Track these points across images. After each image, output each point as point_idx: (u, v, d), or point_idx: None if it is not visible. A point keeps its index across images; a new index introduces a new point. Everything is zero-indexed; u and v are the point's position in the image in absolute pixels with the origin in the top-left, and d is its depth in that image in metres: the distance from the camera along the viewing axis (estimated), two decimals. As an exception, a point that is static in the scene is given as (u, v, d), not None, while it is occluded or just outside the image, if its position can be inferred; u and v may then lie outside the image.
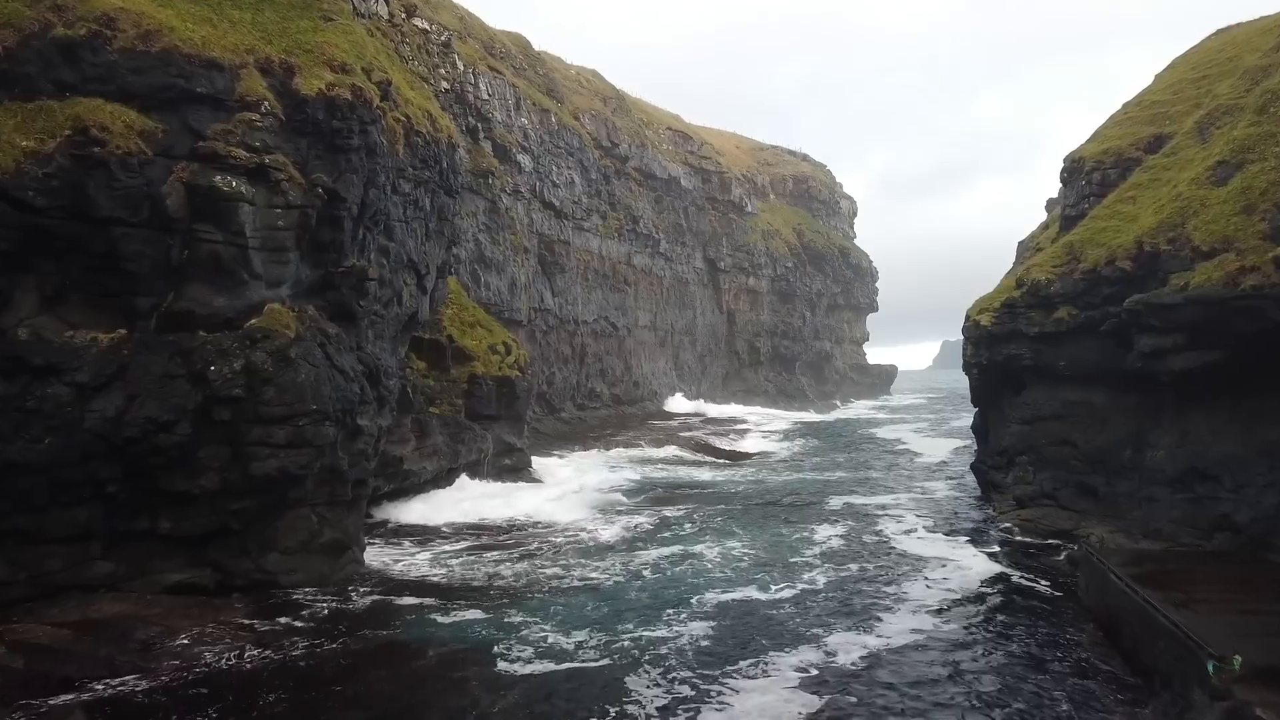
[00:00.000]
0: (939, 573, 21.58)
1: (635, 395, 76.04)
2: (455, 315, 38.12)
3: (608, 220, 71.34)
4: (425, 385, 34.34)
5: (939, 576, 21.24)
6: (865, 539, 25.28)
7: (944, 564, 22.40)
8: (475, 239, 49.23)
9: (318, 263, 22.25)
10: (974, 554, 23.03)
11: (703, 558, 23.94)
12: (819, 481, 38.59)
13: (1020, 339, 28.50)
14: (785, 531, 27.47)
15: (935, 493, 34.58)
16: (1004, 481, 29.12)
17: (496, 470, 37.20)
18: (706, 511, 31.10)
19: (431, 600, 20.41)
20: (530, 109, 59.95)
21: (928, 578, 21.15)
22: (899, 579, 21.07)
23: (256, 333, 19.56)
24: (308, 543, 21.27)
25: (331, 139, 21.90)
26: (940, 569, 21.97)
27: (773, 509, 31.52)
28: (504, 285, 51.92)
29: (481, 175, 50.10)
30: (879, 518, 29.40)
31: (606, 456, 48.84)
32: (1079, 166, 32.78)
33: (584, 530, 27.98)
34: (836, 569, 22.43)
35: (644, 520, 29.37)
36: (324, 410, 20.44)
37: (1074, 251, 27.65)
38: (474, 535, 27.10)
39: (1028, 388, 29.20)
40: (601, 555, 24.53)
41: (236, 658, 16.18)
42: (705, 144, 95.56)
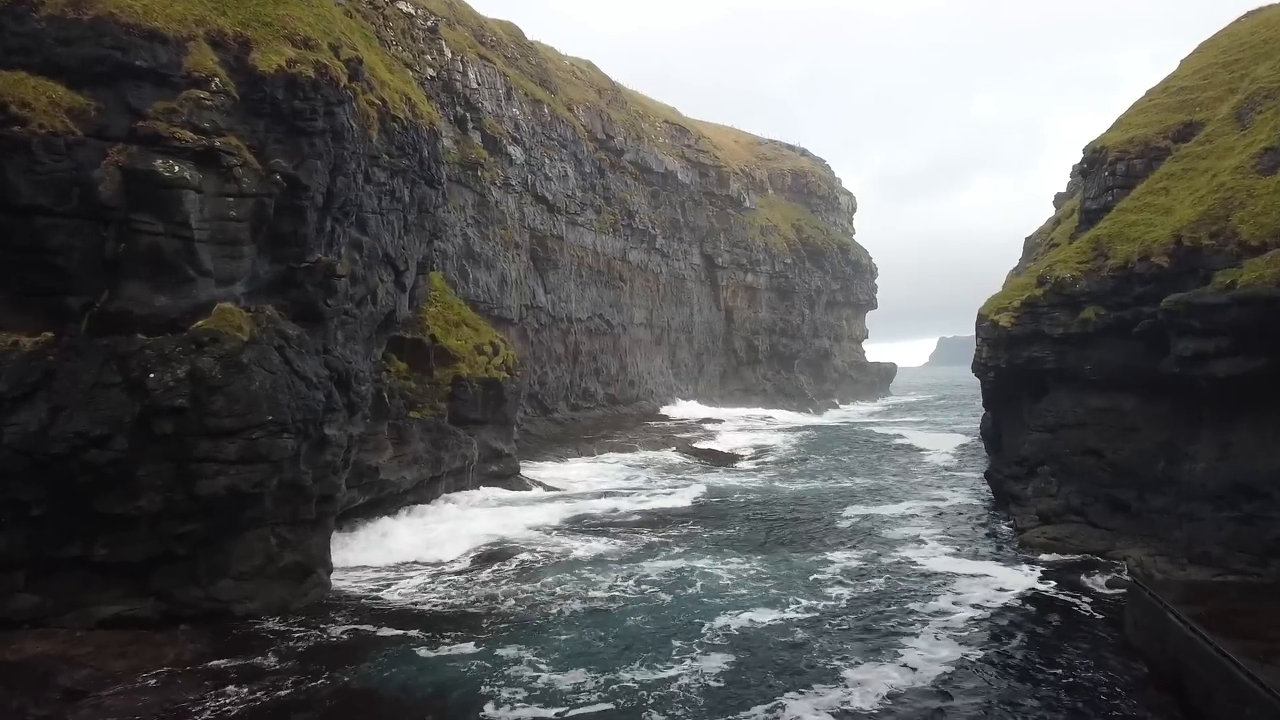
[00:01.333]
0: (963, 598, 19.61)
1: (631, 395, 74.01)
2: (439, 314, 36.08)
3: (602, 215, 69.25)
4: (406, 388, 32.30)
5: (964, 602, 19.27)
6: (881, 559, 23.28)
7: (968, 586, 20.43)
8: (463, 233, 47.13)
9: (278, 258, 20.21)
10: (999, 577, 21.04)
11: (711, 576, 21.95)
12: (826, 490, 36.61)
13: (1042, 341, 26.54)
14: (796, 545, 25.50)
15: (948, 501, 32.61)
16: (1023, 493, 27.17)
17: (483, 477, 35.19)
18: (711, 523, 29.09)
19: (414, 631, 18.44)
20: (522, 99, 57.84)
21: (951, 604, 19.18)
22: (920, 606, 19.09)
23: (203, 335, 17.51)
24: (265, 567, 19.25)
25: (292, 121, 19.84)
26: (964, 592, 20.00)
27: (780, 521, 29.49)
28: (494, 282, 49.83)
29: (470, 167, 48.02)
30: (893, 533, 27.43)
31: (601, 461, 46.88)
32: (1101, 157, 30.80)
33: (581, 545, 25.92)
34: (853, 591, 20.46)
35: (645, 534, 27.34)
36: (281, 421, 18.41)
37: (1101, 247, 25.68)
38: (464, 553, 25.01)
39: (1049, 393, 27.25)
40: (601, 573, 22.56)
41: (173, 709, 14.17)
42: (702, 138, 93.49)
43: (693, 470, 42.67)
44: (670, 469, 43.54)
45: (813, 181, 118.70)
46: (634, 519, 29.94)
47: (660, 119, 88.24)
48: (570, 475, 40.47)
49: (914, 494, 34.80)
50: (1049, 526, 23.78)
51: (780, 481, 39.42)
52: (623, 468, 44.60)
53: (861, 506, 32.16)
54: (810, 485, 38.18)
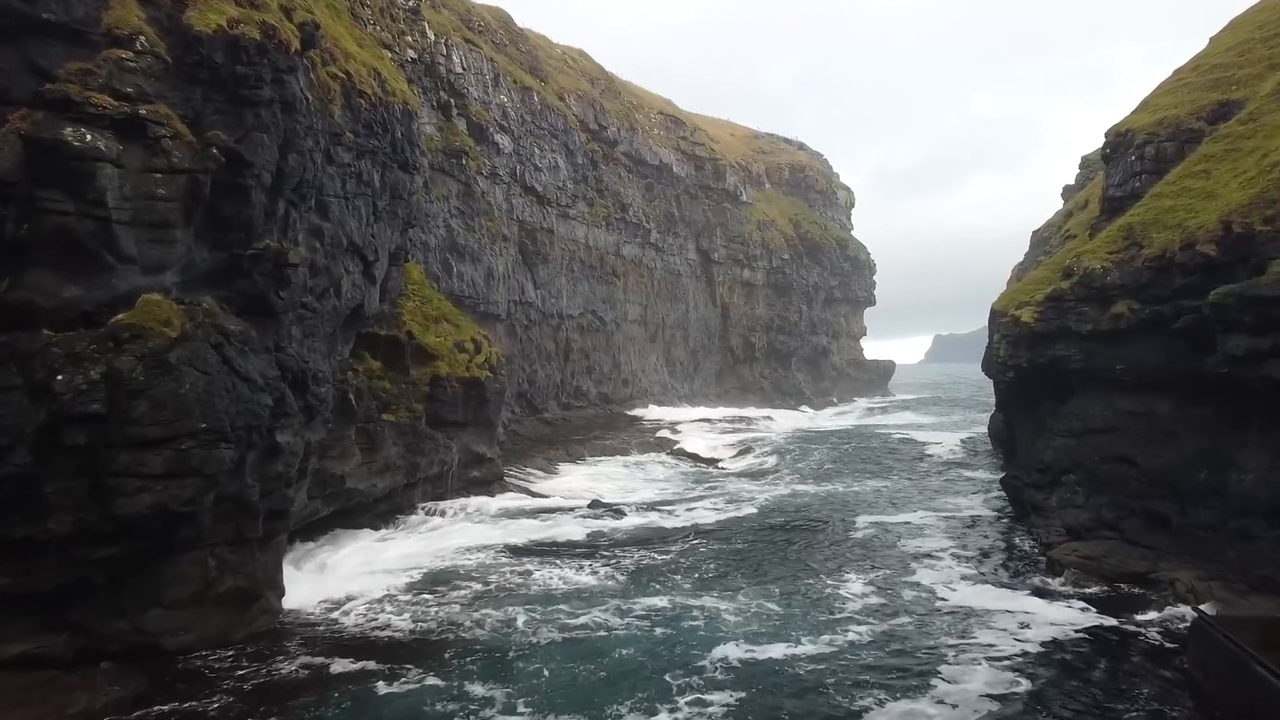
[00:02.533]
0: (994, 633, 17.36)
1: (624, 394, 71.76)
2: (417, 309, 33.76)
3: (595, 208, 66.94)
4: (379, 389, 29.98)
5: (995, 639, 17.02)
6: (897, 584, 20.98)
7: (997, 618, 18.18)
8: (446, 224, 44.81)
9: (219, 244, 17.93)
10: (1031, 607, 18.73)
11: (709, 603, 19.62)
12: (832, 498, 34.25)
13: (1068, 338, 24.37)
14: (805, 565, 23.16)
15: (962, 511, 30.36)
16: (1046, 503, 24.98)
17: (464, 484, 32.94)
18: (712, 538, 26.70)
19: (373, 663, 16.33)
20: (510, 86, 55.50)
21: (980, 642, 16.92)
22: (945, 643, 16.79)
23: (123, 331, 15.23)
24: (202, 594, 17.00)
25: (234, 89, 17.55)
26: (993, 625, 17.76)
27: (786, 536, 27.04)
28: (479, 276, 47.52)
29: (454, 155, 45.70)
30: (906, 546, 25.21)
31: (591, 465, 44.61)
32: (1127, 140, 28.61)
33: (568, 562, 23.63)
34: (872, 619, 18.22)
35: (635, 551, 24.94)
36: (218, 428, 16.14)
37: (1134, 235, 23.49)
38: (432, 570, 22.74)
39: (1075, 394, 25.09)
40: (590, 597, 20.26)
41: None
42: (698, 130, 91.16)
43: (691, 480, 40.26)
44: (667, 478, 41.13)
45: (811, 176, 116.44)
46: (623, 534, 27.49)
47: (655, 110, 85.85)
48: (557, 481, 38.21)
49: (925, 501, 32.55)
50: (1079, 543, 21.57)
51: (783, 489, 37.20)
52: (615, 471, 42.34)
53: (872, 516, 29.92)
54: (815, 492, 35.96)
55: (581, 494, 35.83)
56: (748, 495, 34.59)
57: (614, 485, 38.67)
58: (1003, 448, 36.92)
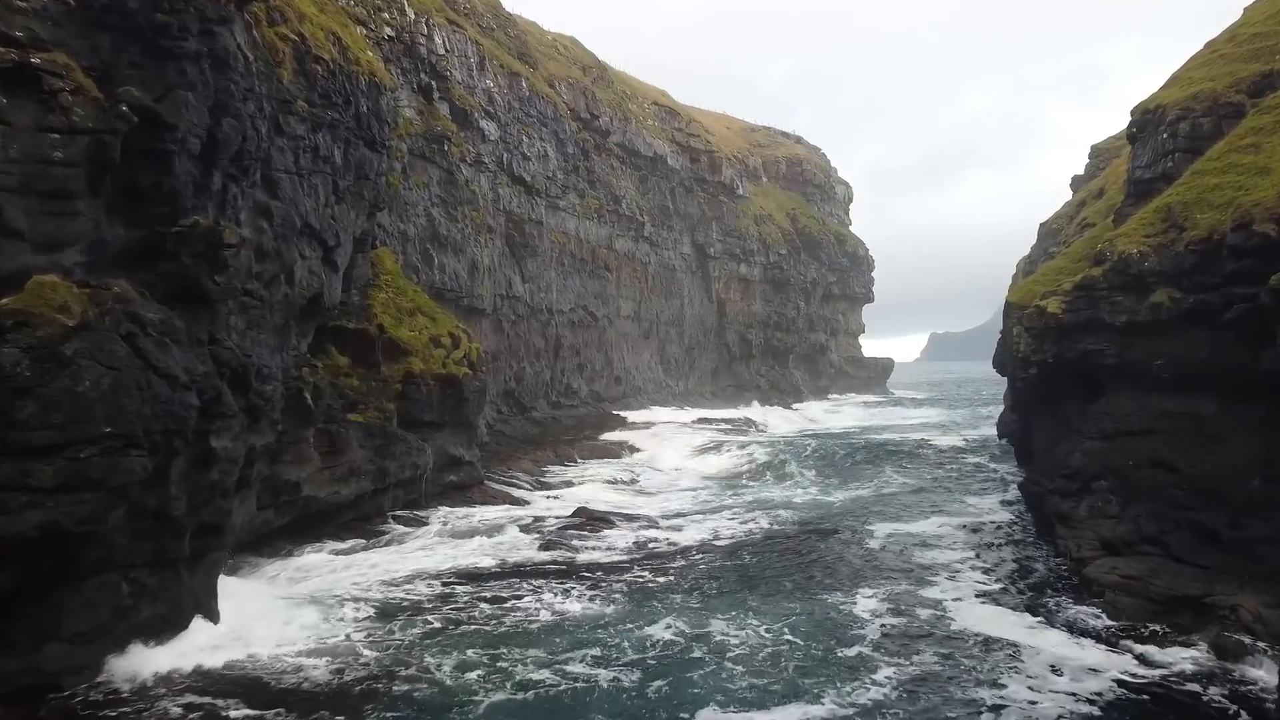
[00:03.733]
0: (1034, 677, 15.02)
1: (617, 391, 69.44)
2: (390, 300, 31.40)
3: (586, 199, 64.54)
4: (347, 387, 27.64)
5: (1033, 683, 14.73)
6: (919, 610, 18.55)
7: (1031, 654, 15.84)
8: (427, 213, 42.42)
9: (137, 219, 15.53)
10: (1076, 643, 16.37)
11: (716, 627, 17.22)
12: (842, 506, 31.77)
13: (1101, 331, 22.07)
14: (815, 583, 20.66)
15: (978, 518, 28.03)
16: (1074, 512, 22.66)
17: (440, 489, 30.60)
18: (713, 553, 24.19)
19: (321, 714, 13.85)
20: (497, 71, 53.08)
21: (1019, 689, 14.59)
22: (975, 694, 14.44)
23: (7, 319, 12.83)
24: (113, 625, 14.67)
25: (153, 39, 15.17)
26: (1030, 666, 15.42)
27: (793, 549, 24.49)
28: (462, 268, 45.13)
29: (435, 140, 43.28)
30: (923, 558, 22.95)
31: (581, 468, 42.27)
32: (1157, 117, 26.30)
33: (550, 583, 20.88)
34: (892, 656, 15.78)
35: (630, 568, 22.48)
36: (127, 432, 13.79)
37: (1174, 217, 21.18)
38: (387, 597, 20.23)
39: (1107, 393, 22.79)
40: (573, 630, 17.50)
41: None
42: (693, 121, 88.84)
43: (686, 490, 37.66)
44: (661, 486, 38.50)
45: (808, 170, 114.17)
46: (613, 548, 24.89)
47: (649, 100, 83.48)
48: (541, 489, 35.83)
49: (936, 508, 30.19)
50: (1118, 559, 19.26)
51: (787, 499, 34.85)
52: (604, 481, 39.82)
53: (881, 524, 27.62)
54: (820, 500, 33.67)
55: (568, 499, 33.54)
56: (751, 509, 32.18)
57: (604, 490, 36.36)
58: (1017, 450, 34.67)
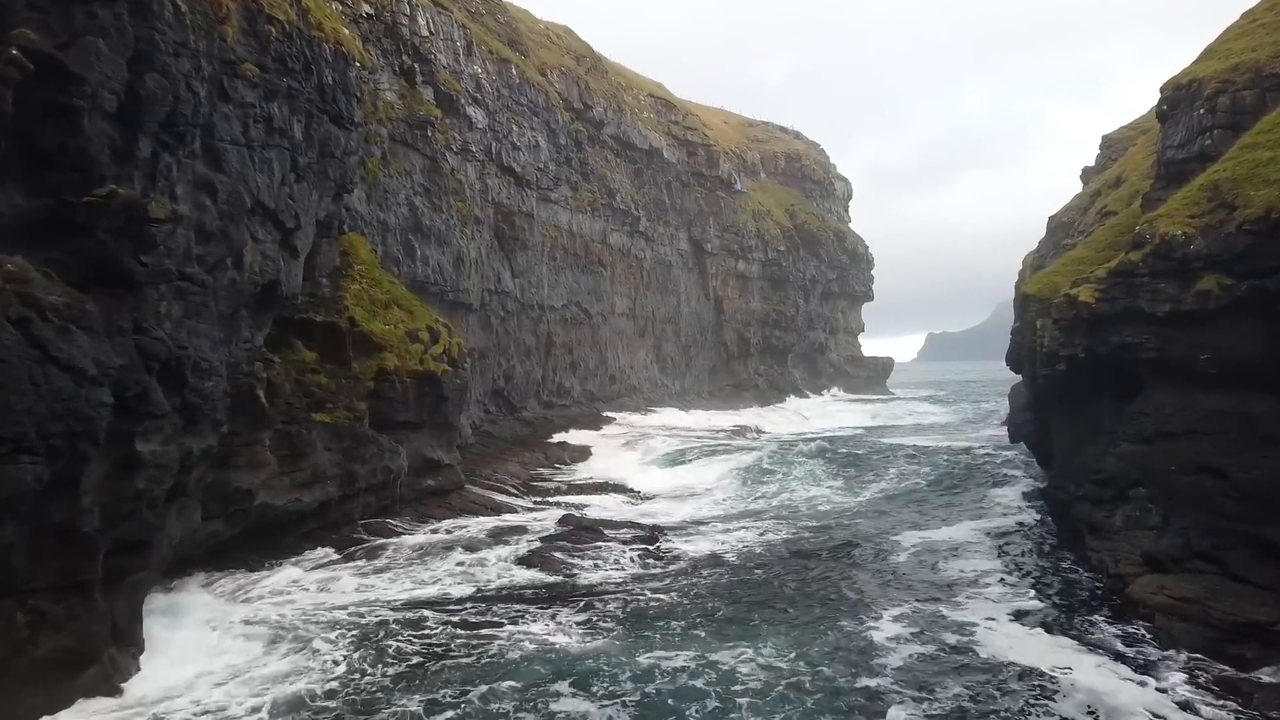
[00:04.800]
0: (1067, 713, 12.94)
1: (611, 391, 67.30)
2: (364, 292, 29.23)
3: (579, 192, 62.36)
4: (313, 384, 25.48)
5: None
6: (944, 635, 16.39)
7: (1071, 689, 13.69)
8: (410, 202, 40.25)
9: (39, 186, 13.37)
10: (1113, 671, 14.29)
11: (719, 675, 14.64)
12: (849, 516, 29.60)
13: (1139, 321, 19.94)
14: (830, 616, 17.93)
15: (998, 527, 25.88)
16: (1108, 522, 20.57)
17: (416, 494, 28.45)
18: (720, 567, 21.84)
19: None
20: (486, 56, 50.95)
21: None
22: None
23: None
24: (8, 661, 12.48)
25: (57, -23, 13.03)
26: (1070, 701, 13.31)
27: (802, 573, 21.44)
28: (447, 260, 42.95)
29: (418, 126, 41.12)
30: (948, 571, 20.88)
31: (570, 473, 40.09)
32: (1192, 92, 24.23)
33: (526, 614, 18.19)
34: (921, 698, 13.50)
35: (624, 585, 20.25)
36: (16, 435, 11.65)
37: (1222, 195, 19.07)
38: (346, 622, 17.96)
39: (1145, 390, 20.66)
40: (549, 667, 15.17)
41: None
42: (690, 115, 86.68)
43: (684, 498, 35.37)
44: (659, 494, 36.19)
45: (807, 165, 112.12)
46: (598, 570, 22.02)
47: (644, 93, 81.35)
48: (529, 493, 33.65)
49: (953, 516, 28.05)
50: (1166, 578, 17.15)
51: (792, 508, 32.73)
52: (595, 486, 37.75)
53: (898, 534, 25.48)
54: (838, 505, 31.51)
55: (557, 504, 31.40)
56: (752, 513, 30.06)
57: (595, 495, 34.22)
58: (1035, 453, 32.54)
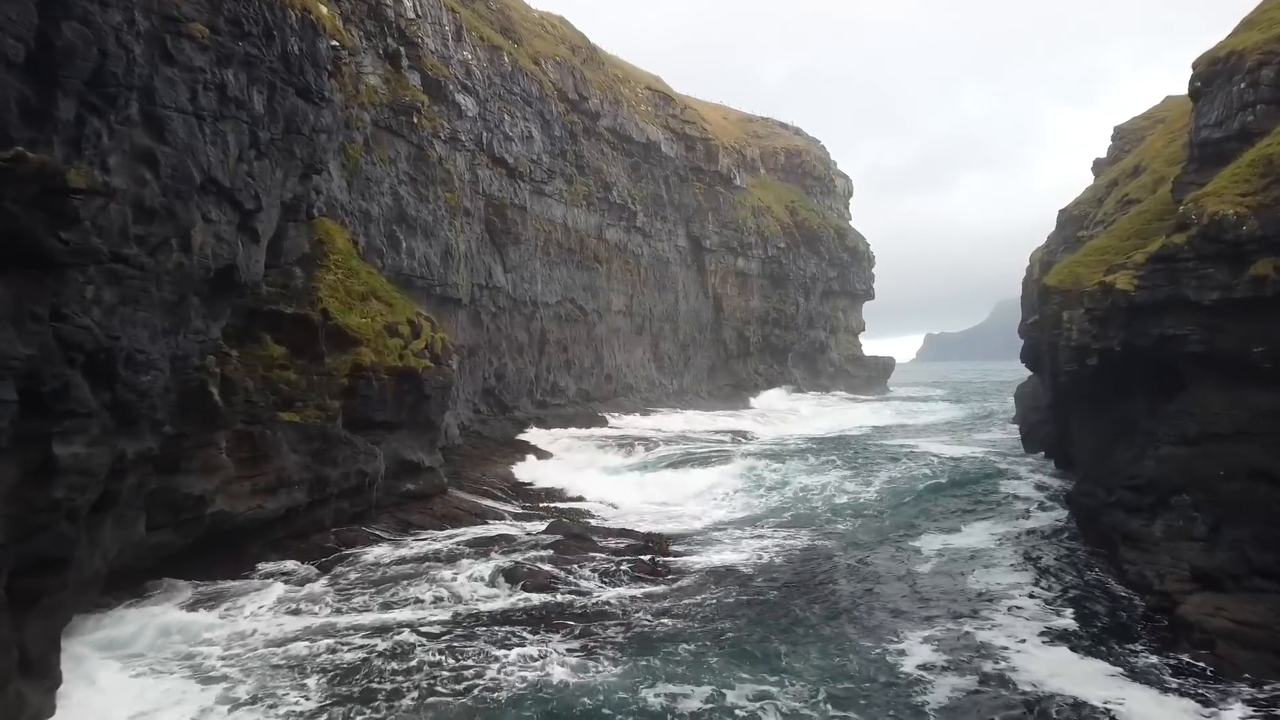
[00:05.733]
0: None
1: (607, 390, 65.47)
2: (339, 283, 27.33)
3: (574, 185, 60.50)
4: (281, 381, 23.58)
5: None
6: (978, 661, 14.56)
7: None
8: (394, 191, 38.36)
9: (-72, 146, 11.51)
10: (1171, 709, 12.49)
11: (733, 715, 12.95)
12: (860, 524, 27.57)
13: (1183, 311, 18.14)
14: (851, 640, 16.08)
15: (1027, 532, 24.00)
16: (1146, 532, 18.73)
17: (394, 499, 26.55)
18: (719, 593, 19.35)
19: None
20: (476, 43, 49.07)
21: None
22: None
23: None
24: (-117, 702, 10.60)
25: (-54, -101, 11.15)
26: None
27: (819, 589, 19.47)
28: (434, 253, 41.06)
29: (403, 112, 39.23)
30: (973, 586, 19.01)
31: (562, 471, 38.19)
32: (1232, 65, 22.37)
33: (511, 640, 15.86)
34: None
35: (613, 620, 17.76)
36: (-116, 438, 9.76)
37: (1277, 170, 17.26)
38: (305, 653, 15.80)
39: (1189, 387, 18.84)
40: (539, 706, 13.28)
41: None
42: (688, 109, 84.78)
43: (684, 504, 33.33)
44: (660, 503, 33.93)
45: (808, 162, 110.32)
46: (592, 587, 19.84)
47: (642, 85, 79.42)
48: (517, 497, 31.74)
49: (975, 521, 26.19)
50: (1222, 597, 15.33)
51: (805, 506, 30.84)
52: (591, 478, 35.89)
53: (925, 540, 23.61)
54: (843, 514, 29.64)
55: (547, 509, 29.53)
56: (756, 520, 28.19)
57: (589, 500, 32.33)
58: (1053, 455, 30.70)
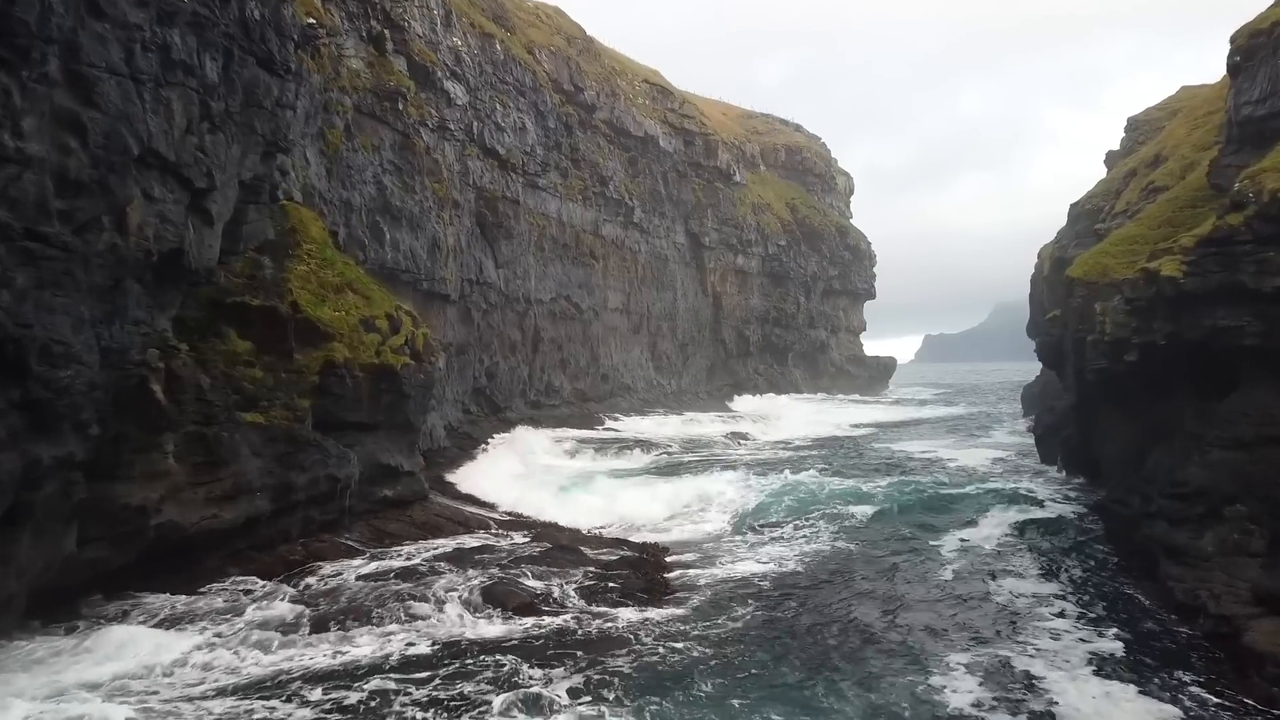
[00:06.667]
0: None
1: (604, 390, 63.58)
2: (312, 274, 25.41)
3: (569, 179, 58.61)
4: (245, 379, 21.70)
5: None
6: (1023, 696, 12.62)
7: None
8: (377, 180, 36.46)
9: None
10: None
11: None
12: (870, 529, 25.34)
13: (1239, 300, 16.25)
14: (883, 672, 13.96)
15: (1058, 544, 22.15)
16: (1195, 547, 16.87)
17: (371, 506, 24.61)
18: (732, 615, 17.04)
19: None
20: (467, 29, 47.17)
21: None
22: None
23: None
24: None
25: None
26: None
27: (841, 609, 17.33)
28: (421, 246, 39.14)
29: (387, 96, 37.33)
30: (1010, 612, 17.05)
31: (553, 473, 36.33)
32: (1276, 37, 20.52)
33: (499, 681, 13.57)
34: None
35: (612, 651, 15.40)
36: None
37: (1346, 141, 15.40)
38: (247, 709, 13.86)
39: (1244, 385, 16.97)
40: None
41: None
42: (687, 103, 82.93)
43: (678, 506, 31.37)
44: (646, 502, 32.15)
45: (808, 158, 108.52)
46: (593, 615, 17.10)
47: (640, 78, 77.54)
48: (501, 499, 29.80)
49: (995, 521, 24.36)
50: (1297, 623, 13.51)
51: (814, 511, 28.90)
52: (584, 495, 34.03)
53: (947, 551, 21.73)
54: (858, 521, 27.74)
55: (535, 518, 27.65)
56: (764, 530, 26.21)
57: (581, 505, 30.42)
58: (1074, 458, 28.81)
